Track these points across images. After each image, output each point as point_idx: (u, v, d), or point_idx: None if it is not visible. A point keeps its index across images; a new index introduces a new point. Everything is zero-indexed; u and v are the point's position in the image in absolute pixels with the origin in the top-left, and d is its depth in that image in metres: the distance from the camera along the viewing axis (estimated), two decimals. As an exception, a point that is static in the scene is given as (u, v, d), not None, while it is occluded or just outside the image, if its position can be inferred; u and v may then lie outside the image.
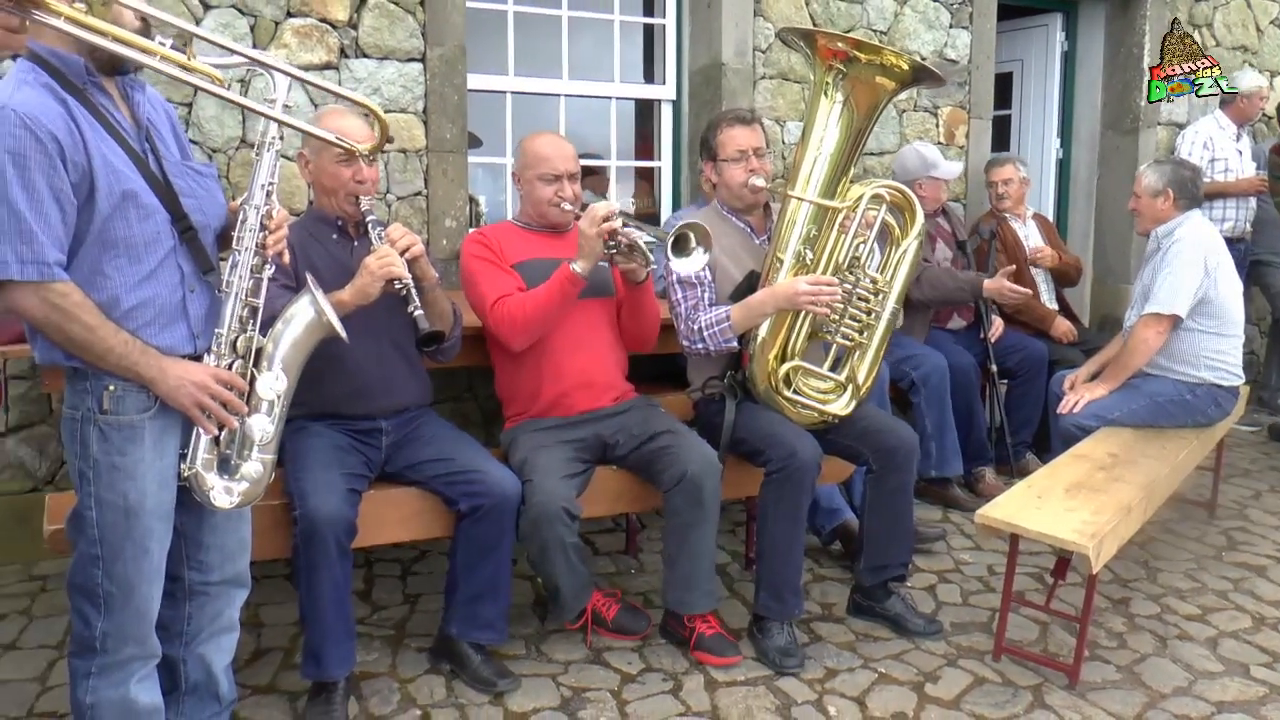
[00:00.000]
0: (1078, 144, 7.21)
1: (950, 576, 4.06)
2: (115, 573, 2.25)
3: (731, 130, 3.65)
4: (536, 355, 3.37)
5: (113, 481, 2.22)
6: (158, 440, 2.27)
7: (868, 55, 3.46)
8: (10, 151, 2.02)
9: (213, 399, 2.26)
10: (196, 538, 2.48)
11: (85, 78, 2.15)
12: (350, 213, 3.12)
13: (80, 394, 2.24)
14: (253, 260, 2.33)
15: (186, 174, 2.33)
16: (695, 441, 3.32)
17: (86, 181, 2.11)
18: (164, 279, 2.25)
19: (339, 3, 4.34)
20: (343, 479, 2.92)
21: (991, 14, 6.19)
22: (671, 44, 5.44)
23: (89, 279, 2.16)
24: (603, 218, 3.12)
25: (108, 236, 2.16)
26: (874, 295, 3.49)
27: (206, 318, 2.35)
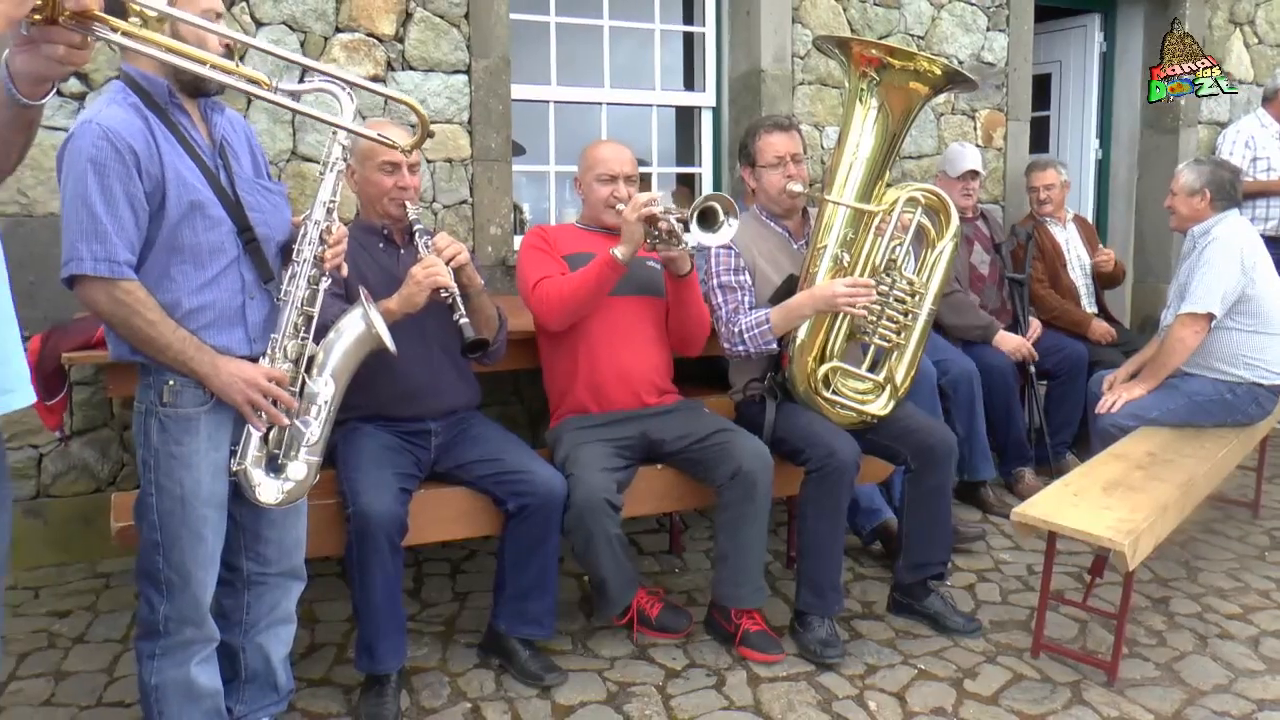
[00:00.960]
0: (1117, 144, 7.21)
1: (989, 575, 4.10)
2: (173, 559, 2.41)
3: (770, 137, 3.72)
4: (575, 345, 3.46)
5: (170, 470, 2.39)
6: (212, 433, 2.43)
7: (901, 61, 3.53)
8: (92, 160, 2.22)
9: (263, 396, 2.41)
10: (255, 530, 2.63)
11: (168, 99, 2.37)
12: (396, 217, 3.22)
13: (145, 388, 2.42)
14: (310, 271, 2.46)
15: (256, 190, 2.50)
16: (748, 438, 3.39)
17: (159, 191, 2.30)
18: (225, 285, 2.42)
19: (386, 17, 4.47)
20: (394, 478, 3.02)
21: (1028, 16, 6.22)
22: (711, 51, 5.52)
23: (157, 281, 2.34)
24: (642, 204, 3.21)
25: (175, 242, 2.34)
26: (910, 297, 3.54)
27: (264, 324, 2.49)
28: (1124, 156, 7.16)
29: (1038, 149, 6.86)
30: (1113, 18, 7.13)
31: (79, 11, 1.54)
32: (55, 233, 3.72)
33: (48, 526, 4.17)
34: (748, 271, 3.64)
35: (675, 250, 3.29)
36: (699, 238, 3.20)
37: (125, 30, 1.62)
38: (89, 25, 1.58)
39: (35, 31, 1.55)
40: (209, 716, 2.55)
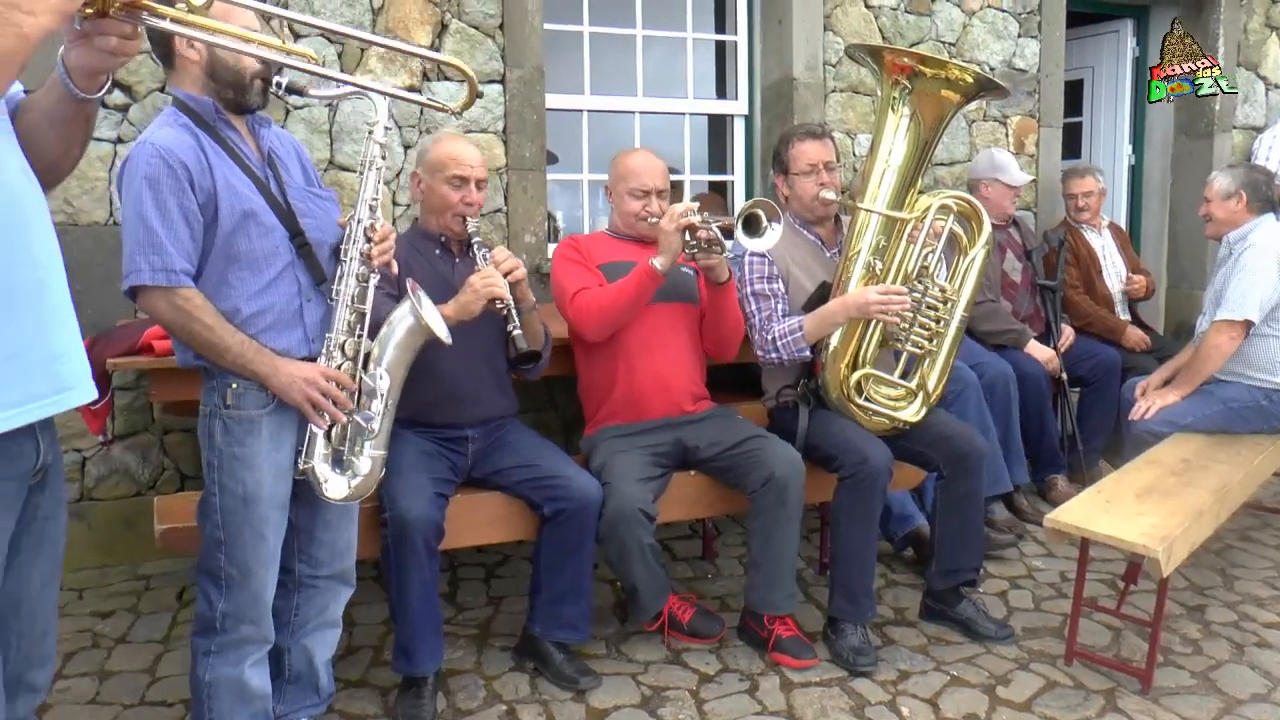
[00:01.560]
0: (1150, 150, 7.17)
1: (1022, 582, 4.10)
2: (235, 556, 2.48)
3: (803, 145, 3.75)
4: (613, 353, 3.50)
5: (233, 470, 2.46)
6: (274, 434, 2.50)
7: (933, 69, 3.55)
8: (147, 178, 2.32)
9: (322, 395, 2.47)
10: (310, 533, 2.70)
11: (215, 115, 2.46)
12: (456, 232, 3.28)
13: (209, 391, 2.51)
14: (359, 269, 2.53)
15: (308, 198, 2.59)
16: (780, 445, 3.42)
17: (212, 203, 2.39)
18: (282, 289, 2.50)
19: (421, 28, 4.53)
20: (430, 483, 3.07)
21: (1060, 22, 6.20)
22: (744, 60, 5.55)
23: (216, 289, 2.43)
24: (680, 213, 3.25)
25: (231, 250, 2.42)
26: (943, 304, 3.56)
27: (321, 324, 2.56)
28: (1157, 162, 7.11)
29: (1070, 155, 6.83)
30: (1145, 23, 7.09)
31: (129, 2, 1.61)
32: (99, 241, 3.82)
33: (90, 529, 4.25)
34: (781, 279, 3.67)
35: (714, 258, 3.32)
36: (744, 243, 3.23)
37: (174, 16, 1.67)
38: (139, 14, 1.63)
39: (88, 25, 1.61)
40: (257, 719, 2.60)
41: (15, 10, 1.44)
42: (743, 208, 3.25)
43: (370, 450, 2.56)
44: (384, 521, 2.98)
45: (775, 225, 3.23)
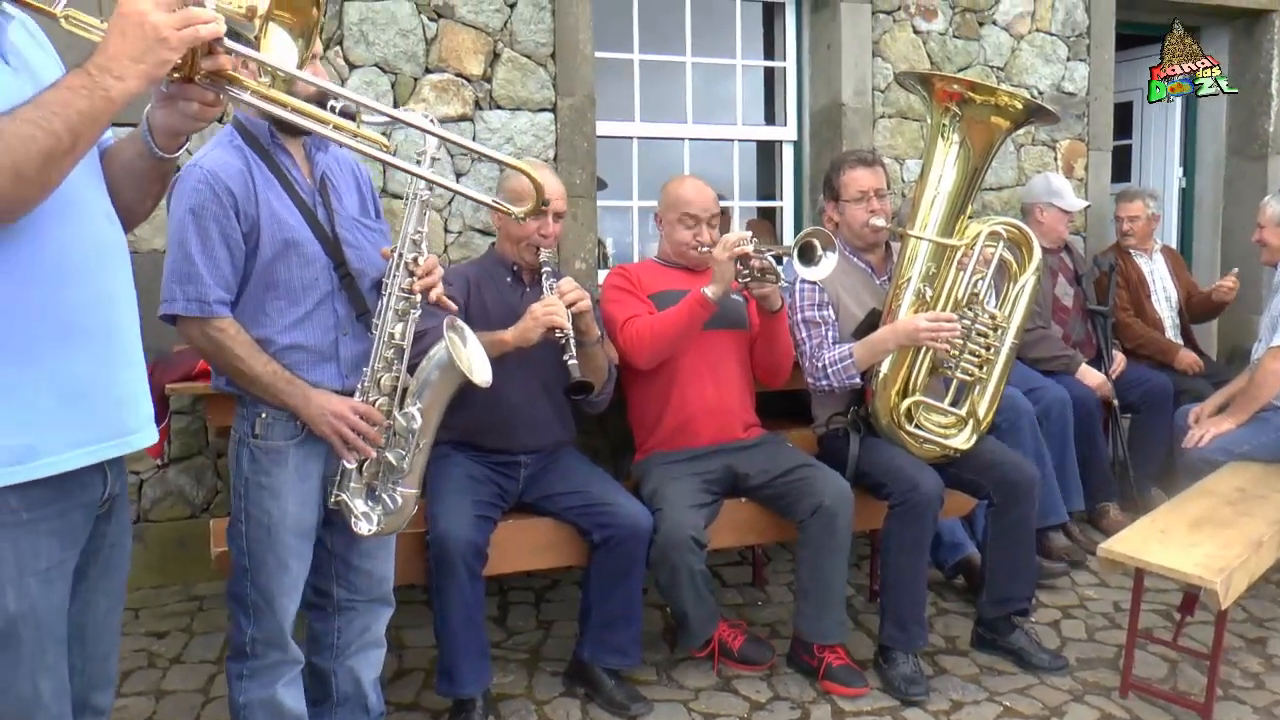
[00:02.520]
0: (1202, 172, 7.09)
1: (1075, 612, 4.06)
2: (259, 583, 2.50)
3: (854, 171, 3.76)
4: (665, 381, 3.52)
5: (259, 499, 2.49)
6: (301, 465, 2.52)
7: (982, 96, 3.56)
8: (192, 207, 2.36)
9: (351, 430, 2.47)
10: (346, 558, 2.71)
11: (270, 140, 2.49)
12: (529, 262, 3.32)
13: (240, 419, 2.54)
14: (399, 304, 2.51)
15: (356, 228, 2.60)
16: (829, 474, 3.42)
17: (255, 230, 2.42)
18: (318, 322, 2.51)
19: (474, 58, 4.59)
20: (473, 506, 3.10)
21: (1109, 45, 6.16)
22: (792, 86, 5.57)
23: (253, 316, 2.45)
24: (734, 243, 3.26)
25: (270, 278, 2.45)
26: (993, 331, 3.55)
27: (356, 359, 2.56)
28: (1209, 184, 7.04)
29: (1119, 178, 6.78)
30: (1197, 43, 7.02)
31: (213, 71, 1.67)
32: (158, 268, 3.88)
33: (146, 549, 4.31)
34: (831, 306, 3.68)
35: (767, 287, 3.34)
36: (799, 271, 3.25)
37: (255, 90, 1.74)
38: (221, 84, 1.70)
39: (173, 88, 1.68)
40: None
41: (106, 75, 1.51)
42: (798, 236, 3.28)
43: (402, 488, 2.55)
44: (427, 543, 3.01)
45: (830, 254, 3.25)
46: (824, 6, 5.41)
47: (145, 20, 1.52)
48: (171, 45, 1.55)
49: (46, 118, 1.48)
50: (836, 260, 3.27)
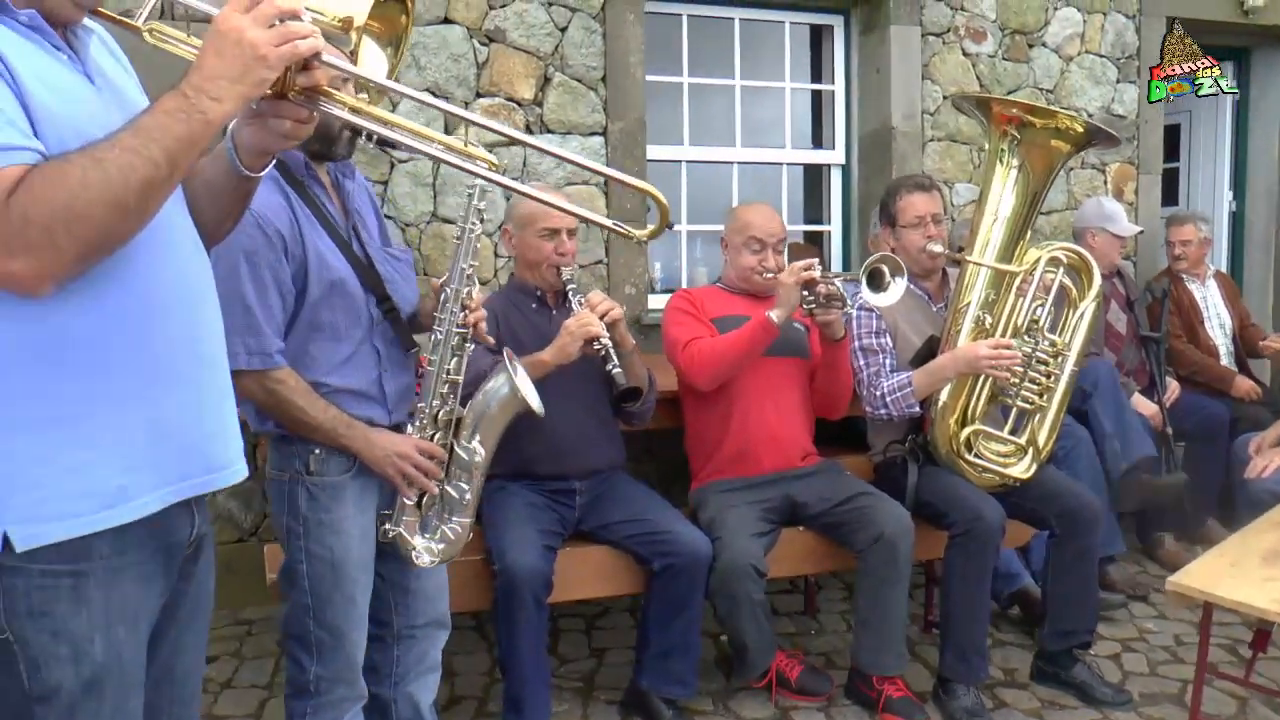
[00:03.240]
0: (1253, 195, 7.00)
1: (1135, 645, 3.98)
2: (326, 620, 2.46)
3: (911, 197, 3.72)
4: (725, 406, 3.49)
5: (320, 536, 2.45)
6: (359, 497, 2.50)
7: (1042, 119, 3.53)
8: (245, 251, 2.31)
9: (415, 468, 2.46)
10: (402, 585, 2.69)
11: (304, 171, 2.46)
12: (551, 283, 3.30)
13: (287, 457, 2.47)
14: (454, 339, 2.50)
15: (386, 259, 2.57)
16: (889, 503, 3.38)
17: (302, 272, 2.39)
18: (361, 362, 2.48)
19: (525, 82, 4.60)
20: (539, 535, 3.08)
21: (1160, 68, 6.11)
22: (840, 109, 5.55)
23: (297, 359, 2.42)
24: (801, 268, 3.24)
25: (315, 320, 2.42)
26: (1053, 358, 3.50)
27: (400, 395, 2.56)
28: (1261, 208, 6.94)
29: (1167, 202, 6.70)
30: (1246, 65, 6.96)
31: (309, 87, 1.58)
32: (221, 295, 3.84)
33: (196, 574, 4.30)
34: (889, 334, 3.64)
35: (833, 314, 3.31)
36: (868, 298, 3.22)
37: (353, 106, 1.64)
38: (316, 100, 1.61)
39: (265, 105, 1.58)
40: None
41: (203, 96, 1.43)
42: (867, 262, 3.25)
43: (458, 518, 2.54)
44: (494, 574, 2.99)
45: (899, 280, 3.22)
46: (873, 29, 5.39)
47: (243, 37, 1.44)
48: (270, 63, 1.47)
49: (145, 145, 1.39)
50: (905, 286, 3.24)
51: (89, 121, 1.48)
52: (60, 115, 1.45)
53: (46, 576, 1.47)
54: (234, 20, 1.45)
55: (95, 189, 1.36)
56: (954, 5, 5.47)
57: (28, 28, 1.49)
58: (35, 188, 1.35)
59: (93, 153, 1.38)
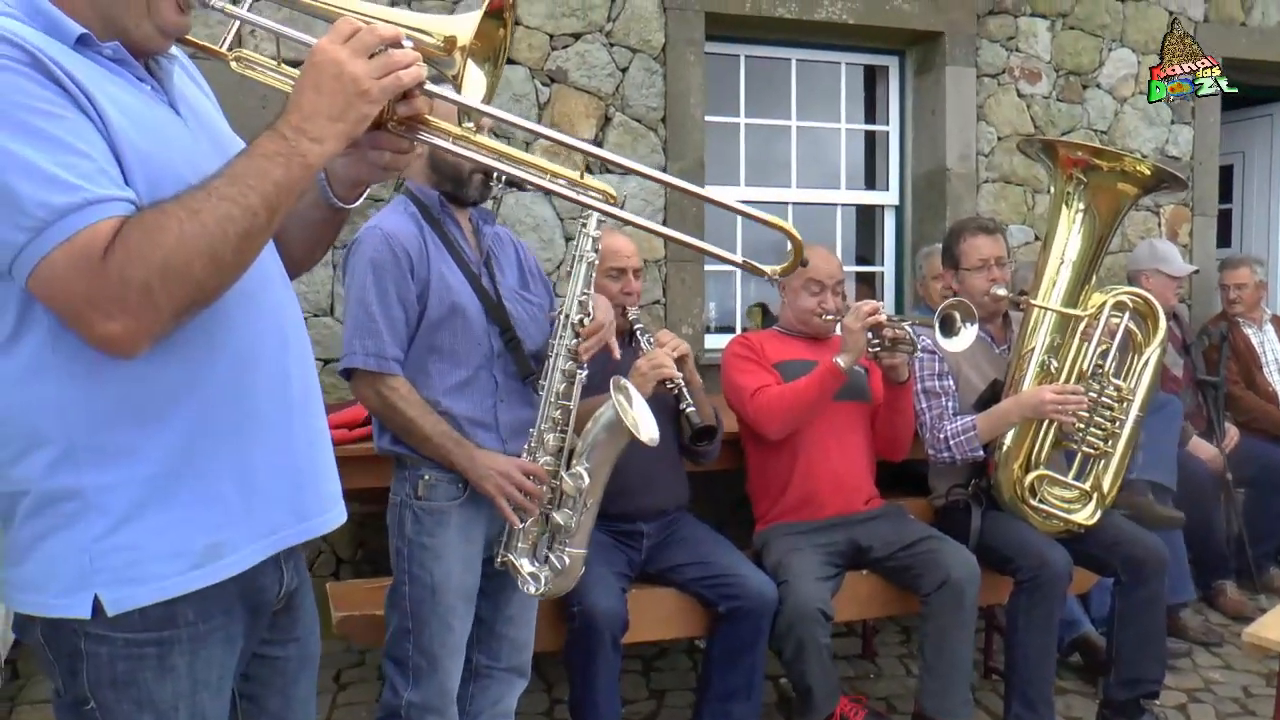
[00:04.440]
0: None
1: (1201, 696, 3.91)
2: (423, 645, 2.51)
3: (975, 239, 3.72)
4: (791, 451, 3.48)
5: (422, 560, 2.51)
6: (464, 526, 2.55)
7: (1109, 163, 3.52)
8: (373, 261, 2.44)
9: (516, 488, 2.49)
10: (491, 626, 2.72)
11: (440, 209, 2.57)
12: (617, 324, 3.32)
13: (401, 481, 2.57)
14: (565, 365, 2.54)
15: (518, 299, 2.66)
16: (955, 547, 3.36)
17: (425, 292, 2.49)
18: (479, 387, 2.56)
19: (586, 122, 4.65)
20: (615, 577, 3.09)
21: (1215, 108, 6.07)
22: (895, 150, 5.57)
23: (414, 377, 2.51)
24: (868, 312, 3.24)
25: (433, 342, 2.51)
26: (1118, 403, 3.48)
27: (515, 424, 2.60)
28: (1316, 251, 6.88)
29: (1221, 244, 6.65)
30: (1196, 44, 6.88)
31: (409, 116, 1.48)
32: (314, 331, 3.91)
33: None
34: (951, 376, 3.63)
35: (899, 357, 3.31)
36: (940, 343, 3.23)
37: (456, 135, 1.52)
38: (416, 130, 1.51)
39: (363, 136, 1.45)
40: None
41: (302, 137, 1.35)
42: (940, 308, 3.25)
43: (570, 547, 2.55)
44: (572, 615, 2.98)
45: (970, 326, 3.21)
46: (928, 70, 5.41)
47: (344, 71, 1.35)
48: (372, 97, 1.38)
49: (243, 193, 1.32)
50: (976, 332, 3.23)
51: (180, 159, 1.43)
52: (151, 155, 1.40)
53: (131, 645, 1.43)
54: (333, 52, 1.36)
55: (193, 244, 1.30)
56: (1009, 46, 5.48)
57: (112, 61, 1.44)
58: (132, 244, 1.29)
59: (189, 203, 1.31)
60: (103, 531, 1.40)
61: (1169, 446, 4.47)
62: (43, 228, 1.26)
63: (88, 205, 1.28)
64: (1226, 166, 7.15)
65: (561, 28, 4.63)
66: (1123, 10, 5.74)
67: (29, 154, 1.26)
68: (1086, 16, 5.65)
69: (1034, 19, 5.52)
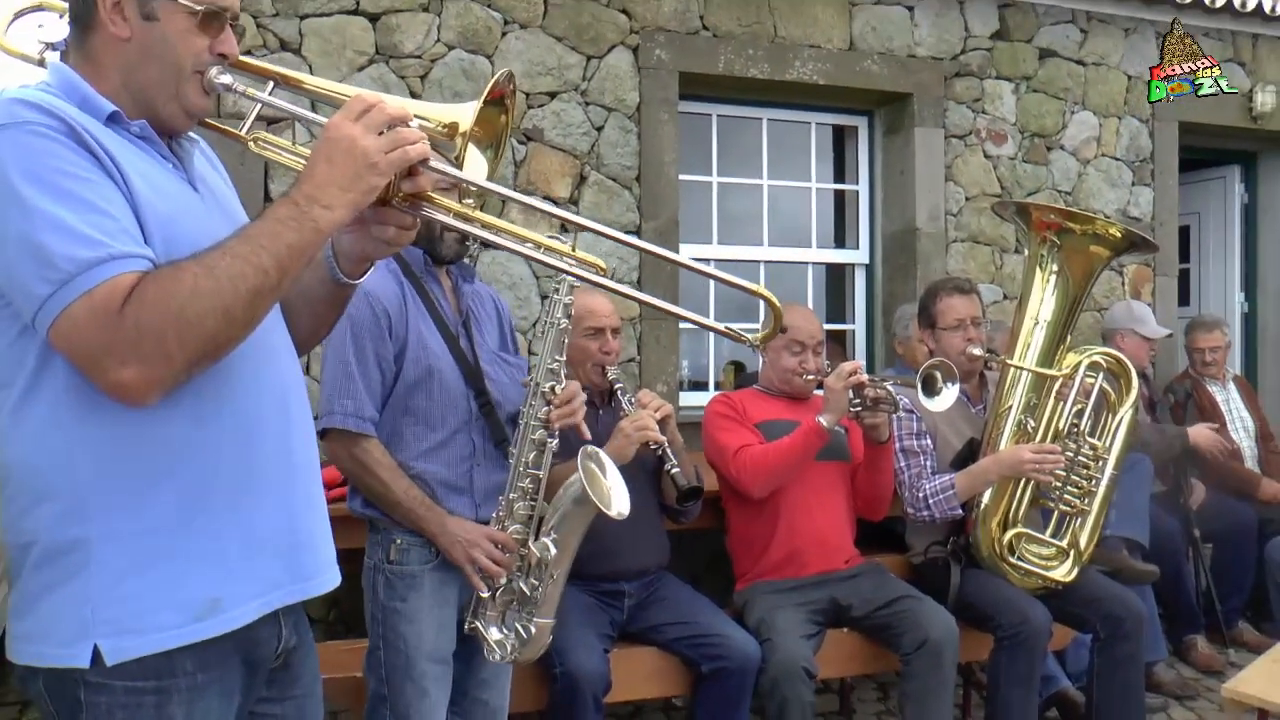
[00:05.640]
0: (1264, 297, 7.07)
1: (1178, 751, 3.94)
2: (399, 710, 2.48)
3: (951, 299, 3.77)
4: (773, 510, 3.48)
5: (395, 625, 2.49)
6: (437, 589, 2.52)
7: (1081, 225, 3.59)
8: (352, 319, 2.42)
9: (485, 556, 2.47)
10: (464, 687, 2.68)
11: (422, 268, 2.56)
12: (596, 383, 3.31)
13: (374, 545, 2.55)
14: (535, 434, 2.52)
15: (496, 361, 2.64)
16: (933, 607, 3.37)
17: (402, 353, 2.47)
18: (454, 450, 2.54)
19: (561, 180, 4.67)
20: (597, 638, 3.06)
21: (1173, 170, 6.21)
22: (864, 209, 5.64)
23: (389, 439, 2.49)
24: (849, 372, 3.26)
25: (409, 404, 2.49)
26: (1094, 462, 3.53)
27: (490, 489, 2.58)
28: (1273, 309, 7.01)
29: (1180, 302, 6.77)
30: (1253, 169, 7.08)
31: (413, 193, 1.57)
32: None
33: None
34: (929, 435, 3.66)
35: (880, 417, 3.33)
36: (923, 403, 3.25)
37: (457, 211, 1.62)
38: (419, 206, 1.59)
39: (368, 212, 1.55)
40: None
41: (314, 205, 1.44)
42: (922, 368, 3.28)
43: (537, 617, 2.52)
44: (554, 676, 2.96)
45: (951, 385, 3.25)
46: (897, 131, 5.50)
47: (355, 145, 1.46)
48: (380, 170, 1.48)
49: (256, 252, 1.41)
50: (958, 392, 3.27)
51: (196, 228, 1.51)
52: (169, 222, 1.49)
53: (130, 694, 1.46)
54: (346, 128, 1.47)
55: (206, 297, 1.37)
56: (975, 108, 5.58)
57: (139, 138, 1.55)
58: (148, 296, 1.36)
59: (204, 260, 1.40)
60: (106, 583, 1.44)
61: (1141, 503, 4.51)
62: (67, 280, 1.35)
63: (110, 260, 1.36)
64: (1184, 227, 7.30)
65: (537, 86, 4.67)
66: (1084, 74, 5.88)
67: (61, 213, 1.36)
68: (1049, 80, 5.77)
69: (999, 81, 5.64)
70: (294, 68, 4.19)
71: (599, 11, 4.77)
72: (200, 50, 1.56)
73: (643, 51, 4.82)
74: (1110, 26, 5.94)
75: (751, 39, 5.04)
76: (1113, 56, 5.95)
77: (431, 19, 4.50)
